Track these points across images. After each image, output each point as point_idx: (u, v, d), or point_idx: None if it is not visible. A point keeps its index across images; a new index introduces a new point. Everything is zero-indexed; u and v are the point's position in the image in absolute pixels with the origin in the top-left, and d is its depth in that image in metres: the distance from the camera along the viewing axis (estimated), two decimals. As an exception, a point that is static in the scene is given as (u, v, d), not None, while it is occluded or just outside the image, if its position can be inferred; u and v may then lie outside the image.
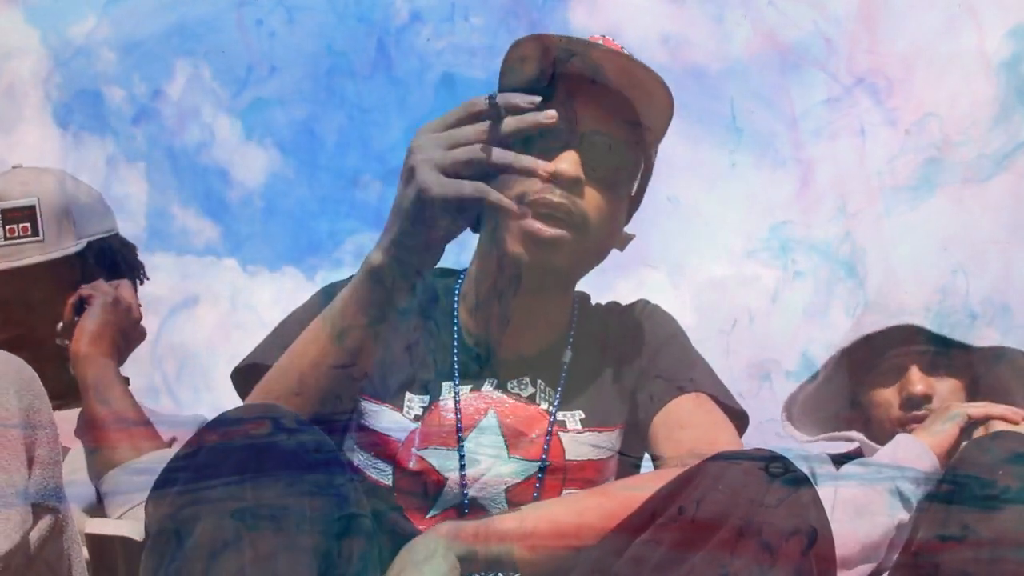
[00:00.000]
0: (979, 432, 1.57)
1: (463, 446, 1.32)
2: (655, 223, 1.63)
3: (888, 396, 1.71)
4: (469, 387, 1.37)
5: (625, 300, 1.55)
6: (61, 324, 1.75)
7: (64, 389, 1.75)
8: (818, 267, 1.52)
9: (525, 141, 1.20)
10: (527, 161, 1.12)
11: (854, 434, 1.73)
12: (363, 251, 1.62)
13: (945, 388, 1.69)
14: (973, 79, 1.48)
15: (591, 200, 1.29)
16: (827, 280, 1.54)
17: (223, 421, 1.11)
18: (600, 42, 1.33)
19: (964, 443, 1.57)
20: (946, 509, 1.24)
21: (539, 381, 1.38)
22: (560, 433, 1.34)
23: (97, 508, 1.60)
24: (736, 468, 1.11)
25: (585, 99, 1.30)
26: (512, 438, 1.33)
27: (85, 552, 1.40)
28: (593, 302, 1.52)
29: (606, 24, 1.63)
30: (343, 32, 1.60)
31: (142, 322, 1.81)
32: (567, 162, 1.27)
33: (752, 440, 1.48)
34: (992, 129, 1.40)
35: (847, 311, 1.73)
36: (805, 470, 1.66)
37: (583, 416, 1.37)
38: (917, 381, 1.68)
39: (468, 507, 1.30)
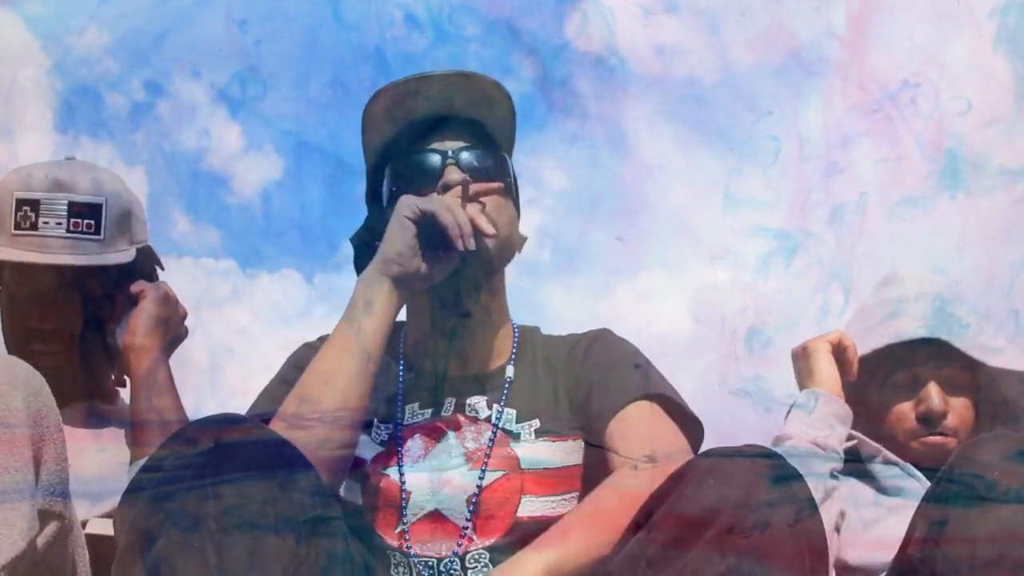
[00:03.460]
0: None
1: (425, 463, 1.42)
2: (653, 228, 1.64)
3: (904, 408, 1.71)
4: (429, 411, 1.48)
5: (623, 304, 1.61)
6: (111, 324, 1.77)
7: (81, 388, 1.79)
8: (816, 270, 1.54)
9: (412, 172, 1.46)
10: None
11: (853, 432, 1.74)
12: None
13: (959, 405, 1.70)
14: (976, 80, 1.49)
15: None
16: (824, 284, 1.56)
17: (187, 430, 1.15)
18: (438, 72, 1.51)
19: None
20: (942, 508, 1.25)
21: (494, 405, 1.48)
22: (512, 444, 1.43)
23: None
24: (727, 464, 1.14)
25: (444, 125, 1.50)
26: (470, 453, 1.43)
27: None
28: (545, 333, 1.62)
29: (601, 35, 1.65)
30: (342, 39, 1.61)
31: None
32: (450, 172, 1.45)
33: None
34: (994, 130, 1.42)
35: (841, 315, 1.75)
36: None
37: (537, 426, 1.46)
38: (936, 396, 1.68)
39: (434, 518, 1.39)
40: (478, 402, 1.48)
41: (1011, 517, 1.18)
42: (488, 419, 1.46)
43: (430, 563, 1.36)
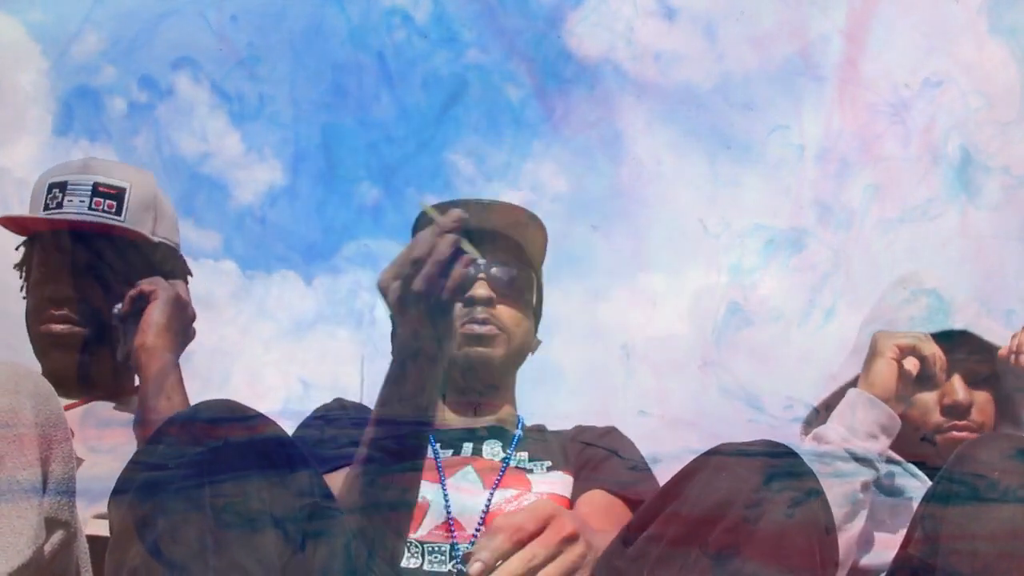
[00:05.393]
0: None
1: (447, 483, 1.56)
2: (651, 231, 1.66)
3: (928, 400, 1.70)
4: (451, 452, 1.64)
5: (622, 306, 1.64)
6: (119, 307, 1.76)
7: (82, 378, 1.79)
8: (814, 272, 1.55)
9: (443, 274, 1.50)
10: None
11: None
12: (360, 255, 1.68)
13: (981, 399, 1.70)
14: (977, 81, 1.50)
15: (503, 311, 1.70)
16: (821, 286, 1.57)
17: (180, 419, 1.14)
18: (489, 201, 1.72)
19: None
20: (942, 508, 1.26)
21: (509, 449, 1.65)
22: (527, 475, 1.59)
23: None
24: (736, 461, 1.14)
25: (484, 243, 1.61)
26: (487, 479, 1.58)
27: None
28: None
29: (600, 39, 1.66)
30: (342, 43, 1.62)
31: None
32: (479, 288, 1.68)
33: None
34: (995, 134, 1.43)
35: (833, 316, 1.76)
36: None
37: (550, 464, 1.64)
38: (960, 390, 1.68)
39: (452, 524, 1.50)
40: (494, 447, 1.65)
41: (1011, 517, 1.19)
42: (504, 460, 1.62)
43: (443, 548, 1.47)
